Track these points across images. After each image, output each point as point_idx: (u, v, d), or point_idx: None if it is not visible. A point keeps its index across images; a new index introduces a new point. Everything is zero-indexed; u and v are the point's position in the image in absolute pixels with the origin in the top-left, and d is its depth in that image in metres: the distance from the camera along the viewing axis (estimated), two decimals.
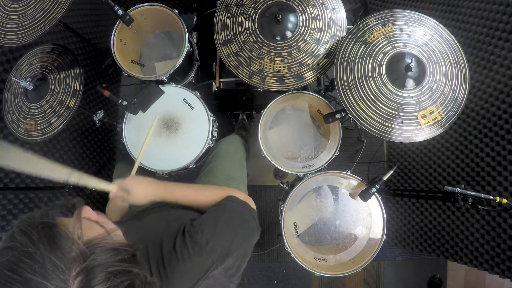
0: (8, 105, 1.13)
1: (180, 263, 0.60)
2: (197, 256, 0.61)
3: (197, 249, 0.61)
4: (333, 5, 1.16)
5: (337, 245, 1.20)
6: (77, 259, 0.41)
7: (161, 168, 1.21)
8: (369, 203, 1.19)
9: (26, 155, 0.71)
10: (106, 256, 0.43)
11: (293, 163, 1.26)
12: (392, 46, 1.02)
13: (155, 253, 0.61)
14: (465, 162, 1.36)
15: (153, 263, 0.60)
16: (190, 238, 0.62)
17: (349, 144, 2.03)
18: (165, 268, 0.60)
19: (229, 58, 1.16)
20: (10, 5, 1.03)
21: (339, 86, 1.01)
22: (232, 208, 0.76)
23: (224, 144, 1.29)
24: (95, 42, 1.76)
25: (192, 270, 0.60)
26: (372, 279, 1.99)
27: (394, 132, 0.98)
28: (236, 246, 0.66)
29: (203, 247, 0.61)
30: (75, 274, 0.40)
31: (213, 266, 0.61)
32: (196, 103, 1.25)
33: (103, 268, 0.42)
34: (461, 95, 1.02)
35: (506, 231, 1.18)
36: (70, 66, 1.10)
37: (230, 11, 1.17)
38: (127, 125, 1.24)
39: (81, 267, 0.40)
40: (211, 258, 0.61)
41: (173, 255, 0.60)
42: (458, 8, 1.34)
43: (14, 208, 1.24)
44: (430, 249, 1.59)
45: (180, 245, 0.61)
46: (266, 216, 1.98)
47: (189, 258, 0.60)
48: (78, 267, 0.40)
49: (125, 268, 0.44)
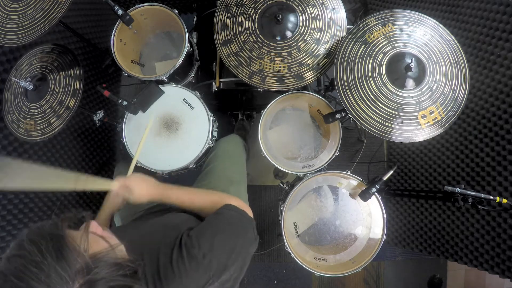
0: (8, 105, 1.13)
1: (177, 278, 0.59)
2: (193, 271, 0.60)
3: (193, 264, 0.60)
4: (333, 5, 1.16)
5: (337, 245, 1.20)
6: (81, 271, 0.42)
7: (161, 168, 1.21)
8: (369, 203, 1.19)
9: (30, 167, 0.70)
10: (109, 270, 0.44)
11: (293, 163, 1.26)
12: (392, 46, 1.02)
13: (151, 265, 0.61)
14: (465, 162, 1.36)
15: (149, 276, 0.60)
16: (187, 251, 0.61)
17: (349, 144, 2.03)
18: (162, 281, 0.59)
19: (229, 58, 1.16)
20: (10, 5, 1.02)
21: (339, 86, 1.01)
22: (231, 217, 0.75)
23: (224, 144, 1.29)
24: (95, 42, 1.76)
25: (188, 285, 0.60)
26: (372, 279, 1.99)
27: (394, 132, 0.98)
28: (234, 259, 0.65)
29: (200, 262, 0.61)
30: (78, 286, 0.41)
31: (209, 281, 0.61)
32: (196, 103, 1.25)
33: (105, 282, 0.43)
34: (461, 95, 1.02)
35: (506, 231, 1.18)
36: (70, 66, 1.10)
37: (230, 11, 1.17)
38: (127, 125, 1.24)
39: (85, 279, 0.42)
40: (208, 273, 0.61)
41: (170, 269, 0.60)
42: (458, 8, 1.34)
43: (14, 208, 1.24)
44: (430, 249, 1.59)
45: (177, 259, 0.61)
46: (266, 216, 1.98)
47: (185, 273, 0.60)
48: (82, 279, 0.42)
49: (126, 284, 0.46)
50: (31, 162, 0.69)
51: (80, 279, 0.41)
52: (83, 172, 1.65)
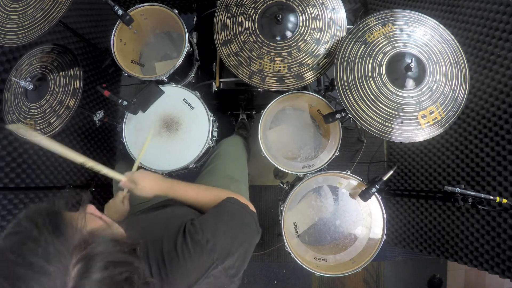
0: (8, 105, 1.13)
1: (181, 263, 0.60)
2: (197, 256, 0.61)
3: (198, 248, 0.62)
4: (333, 5, 1.16)
5: (337, 245, 1.20)
6: (78, 246, 0.42)
7: (161, 168, 1.21)
8: (369, 203, 1.19)
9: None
10: (106, 246, 0.44)
11: (293, 163, 1.26)
12: (392, 46, 1.02)
13: (155, 253, 0.62)
14: (465, 162, 1.36)
15: (153, 263, 0.60)
16: (191, 238, 0.63)
17: (349, 144, 2.03)
18: (166, 267, 0.60)
19: (229, 58, 1.16)
20: (10, 5, 1.03)
21: (339, 86, 1.01)
22: (233, 209, 0.76)
23: (225, 145, 1.29)
24: (95, 42, 1.76)
25: (192, 269, 0.61)
26: (372, 279, 1.99)
27: (394, 132, 0.98)
28: (237, 246, 0.66)
29: (204, 246, 0.62)
30: (75, 260, 0.41)
31: (213, 265, 0.61)
32: (196, 103, 1.25)
33: (102, 257, 0.43)
34: (461, 95, 1.02)
35: (506, 231, 1.18)
36: (70, 66, 1.10)
37: (230, 11, 1.17)
38: (127, 125, 1.24)
39: (82, 254, 0.42)
40: (212, 257, 0.62)
41: (174, 255, 0.61)
42: (458, 8, 1.34)
43: (14, 208, 1.24)
44: (430, 249, 1.59)
45: (181, 245, 0.62)
46: (266, 216, 1.98)
47: (189, 258, 0.61)
48: (79, 254, 0.42)
49: (124, 260, 0.46)
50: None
51: (78, 253, 0.41)
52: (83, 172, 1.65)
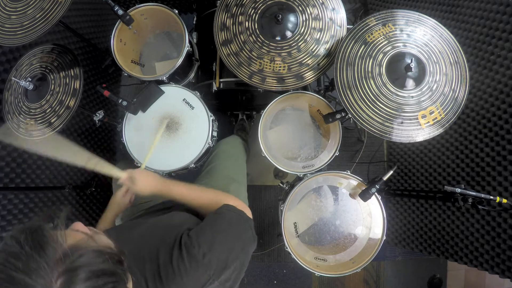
0: (8, 105, 1.13)
1: (177, 277, 0.60)
2: (193, 271, 0.61)
3: (193, 263, 0.61)
4: (333, 5, 1.16)
5: (337, 245, 1.20)
6: (59, 260, 0.42)
7: (161, 168, 1.21)
8: (369, 203, 1.19)
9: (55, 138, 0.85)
10: (89, 257, 0.44)
11: (293, 163, 1.26)
12: (392, 46, 1.02)
13: (151, 265, 0.61)
14: (465, 162, 1.36)
15: (149, 276, 0.60)
16: (187, 251, 0.62)
17: (349, 144, 2.03)
18: (162, 281, 0.60)
19: (229, 58, 1.16)
20: (10, 5, 1.02)
21: (339, 86, 1.01)
22: (230, 218, 0.75)
23: (224, 145, 1.29)
24: (95, 42, 1.76)
25: (188, 284, 0.61)
26: (372, 279, 1.99)
27: (394, 132, 0.98)
28: (233, 259, 0.65)
29: (200, 261, 0.61)
30: (57, 274, 0.41)
31: (209, 280, 0.61)
32: (196, 103, 1.25)
33: (85, 269, 0.43)
34: (461, 95, 1.02)
35: (506, 231, 1.18)
36: (70, 66, 1.10)
37: (230, 11, 1.17)
38: (127, 125, 1.24)
39: (64, 267, 0.42)
40: (208, 272, 0.61)
41: (170, 268, 0.61)
42: (458, 8, 1.34)
43: (14, 208, 1.24)
44: (430, 249, 1.59)
45: (177, 259, 0.61)
46: (266, 216, 1.98)
47: (185, 273, 0.60)
48: (61, 268, 0.42)
49: (109, 270, 0.45)
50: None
51: (60, 267, 0.42)
52: (83, 172, 1.65)
